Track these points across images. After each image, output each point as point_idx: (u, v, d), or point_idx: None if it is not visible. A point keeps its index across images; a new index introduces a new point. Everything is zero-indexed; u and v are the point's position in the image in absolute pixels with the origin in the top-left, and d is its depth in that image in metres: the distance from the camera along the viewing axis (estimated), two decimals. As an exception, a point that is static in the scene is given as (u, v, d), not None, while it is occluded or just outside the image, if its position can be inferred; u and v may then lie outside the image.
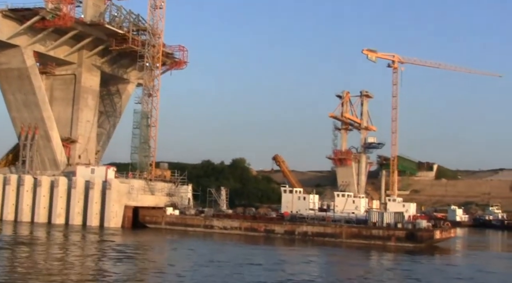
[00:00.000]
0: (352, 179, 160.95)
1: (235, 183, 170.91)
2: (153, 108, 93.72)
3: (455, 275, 48.67)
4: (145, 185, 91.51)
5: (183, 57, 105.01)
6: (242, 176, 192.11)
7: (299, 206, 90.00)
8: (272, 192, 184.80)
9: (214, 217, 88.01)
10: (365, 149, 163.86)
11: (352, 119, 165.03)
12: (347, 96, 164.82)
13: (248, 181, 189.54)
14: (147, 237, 77.12)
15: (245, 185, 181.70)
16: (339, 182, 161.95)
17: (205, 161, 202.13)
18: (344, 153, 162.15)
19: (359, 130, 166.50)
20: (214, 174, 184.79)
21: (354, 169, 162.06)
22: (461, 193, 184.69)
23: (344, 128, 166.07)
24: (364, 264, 57.95)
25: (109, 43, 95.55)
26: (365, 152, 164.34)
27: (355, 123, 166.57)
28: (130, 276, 41.56)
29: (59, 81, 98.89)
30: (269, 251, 65.87)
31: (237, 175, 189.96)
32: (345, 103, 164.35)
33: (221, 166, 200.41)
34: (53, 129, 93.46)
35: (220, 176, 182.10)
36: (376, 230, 75.13)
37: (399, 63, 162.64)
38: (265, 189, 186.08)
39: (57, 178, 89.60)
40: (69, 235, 74.50)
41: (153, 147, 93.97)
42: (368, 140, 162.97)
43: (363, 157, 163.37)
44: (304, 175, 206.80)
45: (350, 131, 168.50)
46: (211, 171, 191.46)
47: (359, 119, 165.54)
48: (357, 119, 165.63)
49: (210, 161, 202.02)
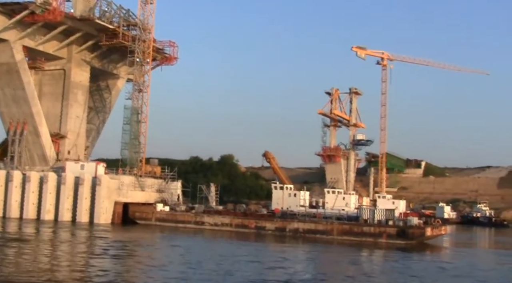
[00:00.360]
0: (341, 176, 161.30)
1: (224, 179, 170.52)
2: (143, 104, 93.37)
3: (455, 273, 48.67)
4: (135, 181, 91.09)
5: (173, 53, 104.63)
6: (231, 172, 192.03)
7: (289, 203, 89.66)
8: (261, 189, 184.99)
9: (204, 213, 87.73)
10: (353, 146, 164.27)
11: (341, 116, 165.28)
12: (336, 93, 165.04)
13: (237, 177, 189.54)
14: (140, 233, 76.71)
15: (233, 181, 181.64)
16: (328, 179, 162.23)
17: (194, 157, 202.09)
18: (333, 149, 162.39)
19: (348, 127, 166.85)
20: (202, 170, 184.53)
21: (343, 166, 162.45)
22: (448, 190, 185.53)
23: (333, 125, 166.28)
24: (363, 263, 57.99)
25: (99, 38, 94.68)
26: (353, 149, 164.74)
27: (344, 120, 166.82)
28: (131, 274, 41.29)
29: (48, 76, 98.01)
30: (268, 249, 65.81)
31: (226, 171, 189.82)
32: (334, 100, 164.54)
33: (209, 162, 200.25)
34: (42, 125, 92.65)
35: (209, 172, 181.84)
36: (367, 227, 75.17)
37: (388, 61, 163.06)
38: (254, 186, 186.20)
39: (46, 173, 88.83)
40: (59, 231, 73.78)
41: (143, 143, 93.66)
42: (357, 137, 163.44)
43: (351, 153, 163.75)
44: (292, 171, 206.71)
45: (339, 128, 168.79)
46: (200, 167, 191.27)
47: (348, 116, 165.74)
48: (346, 116, 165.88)
49: (199, 157, 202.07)
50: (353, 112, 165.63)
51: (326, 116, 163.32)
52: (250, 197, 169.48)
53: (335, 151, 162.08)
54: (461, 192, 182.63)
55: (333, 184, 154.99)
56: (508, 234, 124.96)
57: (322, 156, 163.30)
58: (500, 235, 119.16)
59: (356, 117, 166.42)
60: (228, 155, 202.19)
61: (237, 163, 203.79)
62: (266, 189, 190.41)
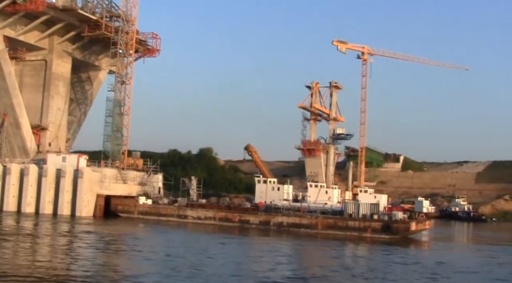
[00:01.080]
0: (321, 170, 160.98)
1: (202, 173, 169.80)
2: (126, 96, 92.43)
3: (460, 269, 48.82)
4: (117, 173, 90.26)
5: (156, 45, 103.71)
6: (209, 165, 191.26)
7: (273, 196, 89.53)
8: (240, 182, 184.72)
9: (187, 207, 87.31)
10: (333, 140, 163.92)
11: (321, 110, 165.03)
12: (317, 87, 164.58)
13: (215, 171, 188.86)
14: (125, 226, 76.10)
15: (212, 174, 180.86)
16: (308, 173, 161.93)
17: (172, 150, 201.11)
18: (313, 143, 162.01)
19: (327, 121, 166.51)
20: (181, 163, 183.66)
21: (323, 160, 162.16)
22: (426, 185, 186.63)
23: (313, 119, 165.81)
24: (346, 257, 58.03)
25: (81, 29, 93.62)
26: (333, 143, 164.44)
27: (324, 114, 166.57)
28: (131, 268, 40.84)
29: (29, 67, 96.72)
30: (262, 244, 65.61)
31: (204, 164, 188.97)
32: (314, 94, 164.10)
33: (188, 155, 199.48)
34: (23, 117, 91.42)
35: (187, 165, 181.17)
36: (352, 221, 75.20)
37: (369, 55, 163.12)
38: (232, 179, 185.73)
39: (27, 165, 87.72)
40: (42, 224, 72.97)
41: (126, 135, 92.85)
42: (337, 131, 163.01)
43: (331, 147, 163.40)
44: (271, 165, 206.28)
45: (319, 122, 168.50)
46: (178, 160, 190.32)
47: (328, 110, 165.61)
48: (326, 110, 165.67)
49: (177, 150, 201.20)
50: (333, 106, 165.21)
51: (306, 110, 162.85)
52: (228, 191, 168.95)
53: (315, 144, 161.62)
54: (439, 187, 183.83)
55: (312, 177, 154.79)
56: (486, 228, 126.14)
57: (302, 149, 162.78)
58: (479, 229, 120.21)
59: (336, 111, 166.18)
60: (206, 148, 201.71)
61: (216, 156, 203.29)
62: (245, 182, 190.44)
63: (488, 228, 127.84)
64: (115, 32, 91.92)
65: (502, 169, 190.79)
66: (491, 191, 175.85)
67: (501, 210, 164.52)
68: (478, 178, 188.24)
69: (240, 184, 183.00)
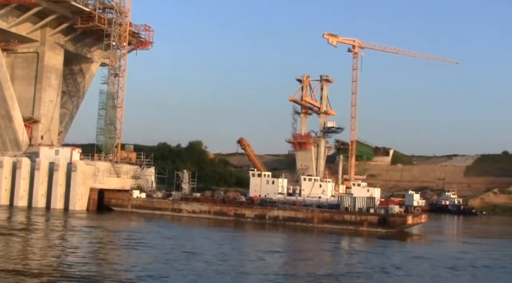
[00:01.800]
0: (311, 163, 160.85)
1: (192, 166, 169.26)
2: (119, 89, 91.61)
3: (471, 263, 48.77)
4: (110, 167, 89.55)
5: (148, 37, 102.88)
6: (199, 158, 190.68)
7: (267, 190, 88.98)
8: (230, 175, 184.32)
9: (182, 200, 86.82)
10: (324, 133, 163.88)
11: (311, 103, 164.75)
12: (307, 80, 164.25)
13: (205, 164, 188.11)
14: (124, 221, 75.51)
15: (202, 168, 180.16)
16: (298, 166, 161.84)
17: (162, 143, 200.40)
18: (304, 137, 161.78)
19: (318, 114, 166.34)
20: (170, 157, 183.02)
21: (313, 153, 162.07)
22: (416, 178, 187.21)
23: (303, 112, 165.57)
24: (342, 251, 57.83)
25: (74, 21, 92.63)
26: (324, 136, 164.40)
27: (314, 108, 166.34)
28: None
29: (20, 59, 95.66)
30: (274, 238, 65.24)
31: (194, 157, 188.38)
32: (305, 87, 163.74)
33: (177, 149, 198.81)
34: (15, 109, 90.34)
35: (177, 158, 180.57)
36: (348, 215, 75.03)
37: (359, 48, 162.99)
38: (222, 172, 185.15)
39: (19, 159, 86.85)
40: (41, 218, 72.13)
41: (119, 128, 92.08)
42: (328, 125, 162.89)
43: (322, 141, 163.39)
44: (261, 158, 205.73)
45: (309, 115, 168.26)
46: (168, 153, 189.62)
47: (319, 103, 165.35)
48: (317, 103, 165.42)
49: (167, 143, 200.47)
50: (323, 100, 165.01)
51: (297, 103, 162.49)
52: (219, 184, 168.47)
53: (306, 138, 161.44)
54: (428, 180, 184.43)
55: (303, 171, 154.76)
56: (477, 221, 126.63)
57: (293, 143, 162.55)
58: (470, 222, 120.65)
59: (327, 105, 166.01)
60: (196, 141, 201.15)
61: (206, 150, 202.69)
62: (235, 175, 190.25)
63: (478, 221, 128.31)
64: (108, 24, 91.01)
65: (491, 162, 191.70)
66: (480, 184, 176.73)
67: (490, 203, 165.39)
68: (467, 171, 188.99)
69: (231, 177, 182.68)
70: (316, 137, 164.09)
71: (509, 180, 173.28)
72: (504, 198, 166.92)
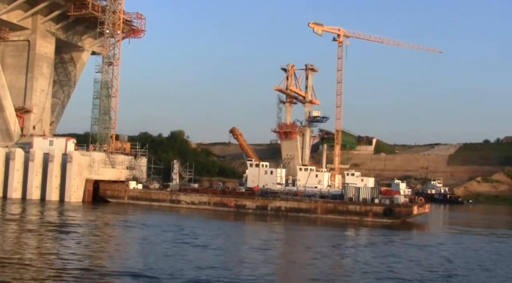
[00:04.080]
0: (297, 153, 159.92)
1: (174, 156, 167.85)
2: (113, 77, 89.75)
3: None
4: (105, 157, 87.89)
5: (141, 26, 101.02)
6: (181, 148, 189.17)
7: (266, 180, 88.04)
8: (212, 165, 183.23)
9: (181, 191, 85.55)
10: (309, 123, 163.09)
11: (297, 92, 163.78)
12: (292, 69, 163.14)
13: (188, 154, 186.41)
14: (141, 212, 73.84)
15: (184, 158, 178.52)
16: (284, 155, 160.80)
17: (143, 132, 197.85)
18: (289, 126, 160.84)
19: (303, 103, 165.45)
20: (152, 147, 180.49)
21: (299, 143, 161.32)
22: (399, 167, 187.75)
23: (288, 101, 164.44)
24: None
25: (66, 8, 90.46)
26: (309, 126, 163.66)
27: (299, 97, 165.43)
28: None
29: (11, 47, 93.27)
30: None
31: (176, 147, 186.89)
32: (290, 76, 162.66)
33: (159, 138, 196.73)
34: (6, 99, 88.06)
35: (159, 148, 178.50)
36: (353, 205, 74.45)
37: (344, 37, 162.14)
38: (205, 162, 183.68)
39: (12, 149, 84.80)
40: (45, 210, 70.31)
41: (114, 118, 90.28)
42: (313, 114, 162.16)
43: (307, 130, 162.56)
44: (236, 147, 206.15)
45: (294, 104, 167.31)
46: (150, 143, 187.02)
47: (304, 92, 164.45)
48: (302, 92, 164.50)
49: (148, 133, 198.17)
50: (309, 89, 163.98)
51: (282, 92, 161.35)
52: (201, 174, 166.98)
53: (292, 127, 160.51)
54: (411, 169, 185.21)
55: (288, 160, 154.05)
56: (464, 210, 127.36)
57: (278, 132, 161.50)
58: (458, 211, 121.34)
59: (312, 94, 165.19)
60: (178, 131, 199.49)
61: (188, 139, 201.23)
62: (217, 165, 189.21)
63: (465, 210, 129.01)
64: (102, 12, 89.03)
65: (473, 151, 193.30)
66: (463, 173, 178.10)
67: (473, 191, 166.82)
68: (450, 160, 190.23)
69: (213, 167, 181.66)
70: (301, 127, 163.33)
71: (491, 168, 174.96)
72: (487, 187, 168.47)
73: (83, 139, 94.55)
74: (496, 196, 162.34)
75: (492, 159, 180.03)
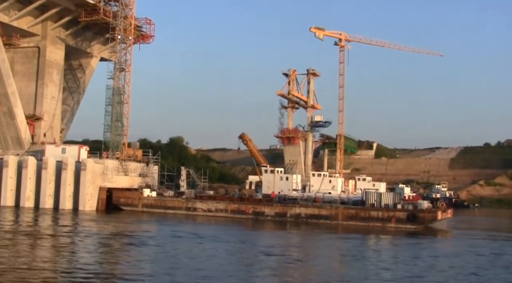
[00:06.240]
0: (300, 158, 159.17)
1: (174, 162, 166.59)
2: (125, 84, 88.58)
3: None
4: (118, 165, 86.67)
5: (149, 31, 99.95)
6: (181, 154, 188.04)
7: (281, 187, 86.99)
8: (213, 171, 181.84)
9: (197, 199, 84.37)
10: (312, 128, 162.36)
11: (299, 97, 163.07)
12: (294, 74, 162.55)
13: (187, 160, 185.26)
14: (171, 221, 72.54)
15: (184, 164, 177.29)
16: (286, 161, 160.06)
17: (142, 139, 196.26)
18: (292, 131, 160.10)
19: (305, 108, 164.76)
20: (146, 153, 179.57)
21: (302, 148, 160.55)
22: (400, 171, 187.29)
23: (290, 106, 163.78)
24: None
25: (76, 14, 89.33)
26: (311, 131, 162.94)
27: (301, 102, 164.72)
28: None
29: (20, 54, 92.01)
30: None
31: (176, 153, 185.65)
32: (292, 81, 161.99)
33: (158, 144, 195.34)
34: (17, 106, 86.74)
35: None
36: (375, 211, 73.52)
37: (346, 42, 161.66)
38: (205, 168, 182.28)
39: (25, 157, 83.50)
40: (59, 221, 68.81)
41: (126, 125, 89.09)
42: (315, 119, 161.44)
43: (310, 135, 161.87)
44: (244, 153, 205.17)
45: (296, 109, 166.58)
46: (149, 149, 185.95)
47: (306, 97, 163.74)
48: (304, 97, 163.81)
49: (147, 139, 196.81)
50: (310, 94, 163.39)
51: (285, 97, 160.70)
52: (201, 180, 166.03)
53: (295, 132, 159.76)
54: (413, 173, 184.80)
55: (291, 166, 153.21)
56: (472, 214, 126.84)
57: (281, 137, 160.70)
58: (466, 215, 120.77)
59: (313, 99, 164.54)
60: (177, 137, 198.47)
61: (187, 145, 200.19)
62: (218, 171, 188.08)
63: (473, 214, 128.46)
64: (113, 17, 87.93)
65: (474, 154, 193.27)
66: (465, 177, 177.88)
67: (476, 195, 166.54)
68: (452, 164, 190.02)
69: (213, 173, 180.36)
70: (304, 132, 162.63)
71: (493, 171, 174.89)
72: (490, 190, 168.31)
73: (92, 147, 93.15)
74: (500, 199, 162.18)
75: (493, 162, 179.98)
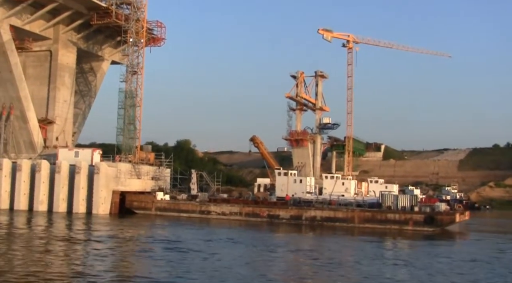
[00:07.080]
0: (308, 160, 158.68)
1: (181, 165, 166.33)
2: (138, 87, 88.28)
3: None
4: (131, 168, 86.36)
5: (160, 34, 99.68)
6: (188, 157, 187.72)
7: (295, 189, 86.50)
8: (220, 174, 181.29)
9: (211, 202, 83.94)
10: (320, 130, 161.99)
11: (307, 99, 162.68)
12: (302, 76, 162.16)
13: (194, 163, 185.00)
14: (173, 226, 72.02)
15: (191, 167, 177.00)
16: (295, 163, 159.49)
17: (149, 142, 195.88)
18: (300, 133, 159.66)
19: (313, 111, 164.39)
20: (158, 156, 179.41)
21: (310, 150, 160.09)
22: (409, 173, 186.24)
23: (298, 109, 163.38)
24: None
25: (88, 18, 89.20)
26: (320, 133, 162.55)
27: (309, 104, 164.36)
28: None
29: (32, 58, 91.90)
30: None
31: (183, 156, 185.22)
32: (300, 83, 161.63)
33: (165, 147, 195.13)
34: (29, 110, 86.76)
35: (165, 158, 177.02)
36: (392, 214, 72.93)
37: (354, 43, 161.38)
38: (212, 171, 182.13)
39: (38, 161, 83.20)
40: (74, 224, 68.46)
41: (138, 128, 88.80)
42: (323, 121, 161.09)
43: (318, 137, 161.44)
44: (250, 156, 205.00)
45: (304, 112, 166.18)
46: (156, 152, 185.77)
47: (314, 99, 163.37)
48: (312, 99, 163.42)
49: (154, 142, 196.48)
50: (318, 96, 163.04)
51: (293, 100, 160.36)
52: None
53: (303, 135, 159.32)
54: (422, 175, 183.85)
55: (300, 168, 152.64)
56: (484, 216, 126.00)
57: (289, 140, 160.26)
58: (479, 217, 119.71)
59: (322, 101, 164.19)
60: (184, 140, 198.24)
61: (194, 148, 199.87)
62: (225, 174, 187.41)
63: (488, 216, 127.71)
64: (126, 20, 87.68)
65: (483, 155, 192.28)
66: (474, 178, 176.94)
67: (486, 197, 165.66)
68: (461, 165, 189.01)
69: (221, 176, 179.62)
70: (312, 134, 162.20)
71: (503, 173, 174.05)
72: (500, 192, 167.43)
73: (103, 150, 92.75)
74: (510, 201, 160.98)
75: (503, 164, 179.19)
